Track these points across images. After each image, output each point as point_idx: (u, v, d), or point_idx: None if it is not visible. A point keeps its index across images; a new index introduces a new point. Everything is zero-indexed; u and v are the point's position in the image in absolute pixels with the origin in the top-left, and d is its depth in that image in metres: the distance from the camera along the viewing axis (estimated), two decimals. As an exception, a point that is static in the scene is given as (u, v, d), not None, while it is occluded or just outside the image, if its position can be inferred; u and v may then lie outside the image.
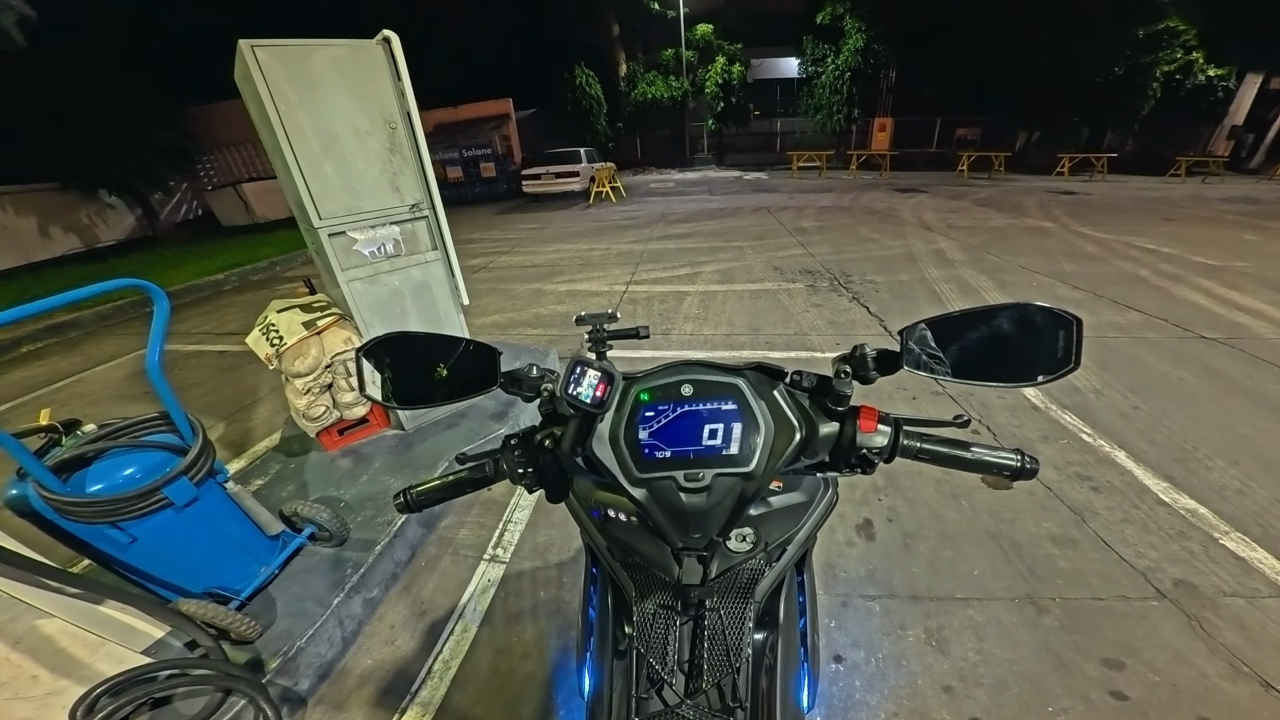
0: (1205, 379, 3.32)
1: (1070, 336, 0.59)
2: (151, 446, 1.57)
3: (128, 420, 1.60)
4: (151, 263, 9.29)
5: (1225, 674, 1.58)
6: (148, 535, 1.53)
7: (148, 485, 1.46)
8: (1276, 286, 4.97)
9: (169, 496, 1.51)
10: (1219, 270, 5.55)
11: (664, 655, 0.64)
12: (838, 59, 19.65)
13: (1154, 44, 15.49)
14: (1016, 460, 0.65)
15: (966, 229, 8.08)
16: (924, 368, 0.64)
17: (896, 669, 1.65)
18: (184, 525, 1.60)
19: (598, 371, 0.67)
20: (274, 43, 2.12)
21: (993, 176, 15.97)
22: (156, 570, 1.63)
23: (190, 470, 1.56)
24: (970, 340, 0.63)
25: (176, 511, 1.56)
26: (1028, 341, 0.61)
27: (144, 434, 1.60)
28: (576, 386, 0.66)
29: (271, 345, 2.50)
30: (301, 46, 2.18)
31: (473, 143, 16.21)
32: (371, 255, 2.60)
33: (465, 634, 1.90)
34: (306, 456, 2.81)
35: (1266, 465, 2.49)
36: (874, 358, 0.66)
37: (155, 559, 1.61)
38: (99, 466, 1.48)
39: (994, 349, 0.62)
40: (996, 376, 0.63)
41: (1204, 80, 16.54)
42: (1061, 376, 0.60)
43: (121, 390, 4.22)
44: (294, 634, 1.74)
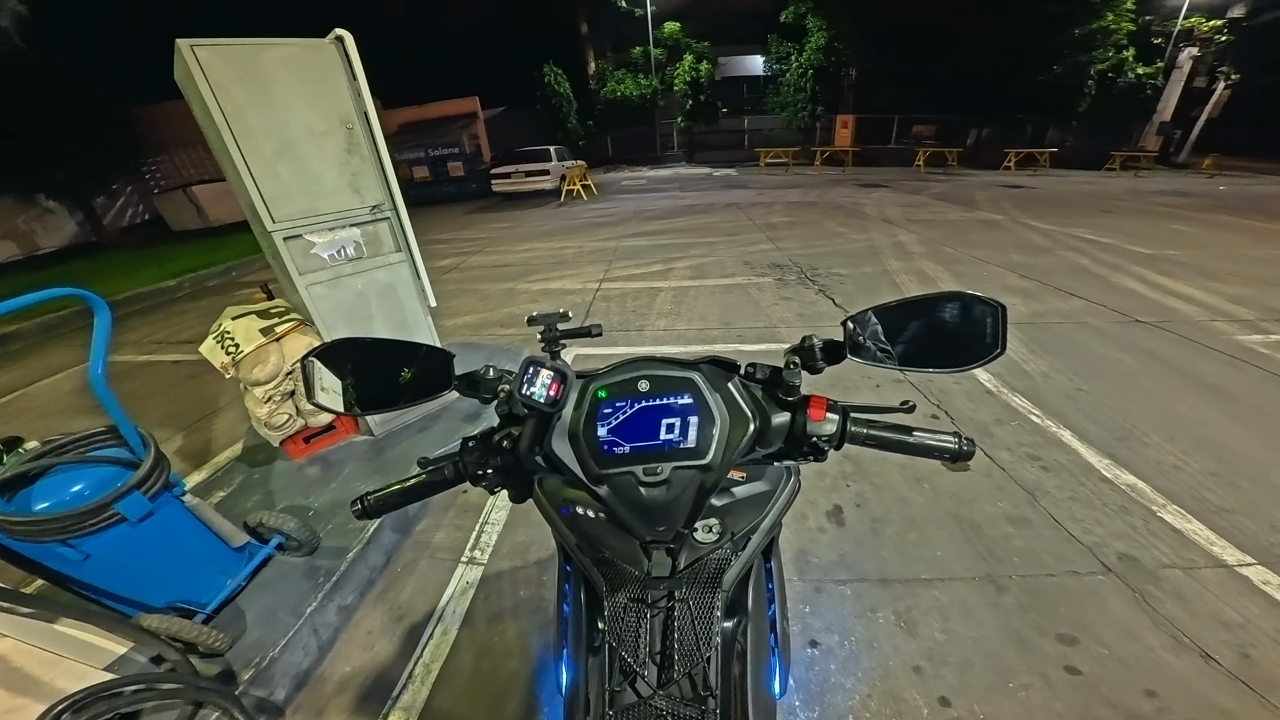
0: (1143, 361, 3.54)
1: (996, 322, 0.63)
2: (100, 461, 1.50)
3: (72, 435, 1.52)
4: (97, 270, 8.77)
5: (1168, 647, 1.67)
6: (102, 551, 1.47)
7: (98, 501, 1.40)
8: (1205, 273, 5.34)
9: (122, 511, 1.45)
10: (1153, 259, 5.93)
11: (635, 648, 0.65)
12: (801, 57, 20.07)
13: (1089, 43, 16.36)
14: (954, 443, 0.68)
15: (925, 222, 8.38)
16: (867, 356, 0.67)
17: (869, 652, 1.71)
18: (141, 540, 1.54)
19: (551, 371, 0.68)
20: (216, 42, 2.04)
21: (948, 171, 16.64)
22: (114, 586, 1.57)
23: (144, 484, 1.50)
24: (910, 329, 0.66)
25: (131, 526, 1.50)
26: (961, 328, 0.65)
27: (91, 449, 1.52)
28: (530, 387, 0.67)
29: (227, 354, 2.41)
30: (248, 46, 2.11)
31: (440, 142, 15.86)
32: (331, 258, 2.53)
33: (446, 636, 1.88)
34: (271, 466, 2.72)
35: (1200, 441, 2.67)
36: (821, 348, 0.69)
37: (112, 575, 1.55)
38: (44, 484, 1.41)
39: (931, 336, 0.66)
40: (933, 363, 0.66)
41: (1134, 78, 17.63)
42: (990, 361, 0.64)
43: (70, 404, 3.99)
44: (266, 644, 1.71)
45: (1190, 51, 17.34)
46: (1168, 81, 17.67)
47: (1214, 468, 2.48)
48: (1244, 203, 9.85)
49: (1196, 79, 17.70)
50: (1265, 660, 1.61)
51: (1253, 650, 1.64)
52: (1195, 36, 17.34)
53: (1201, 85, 17.77)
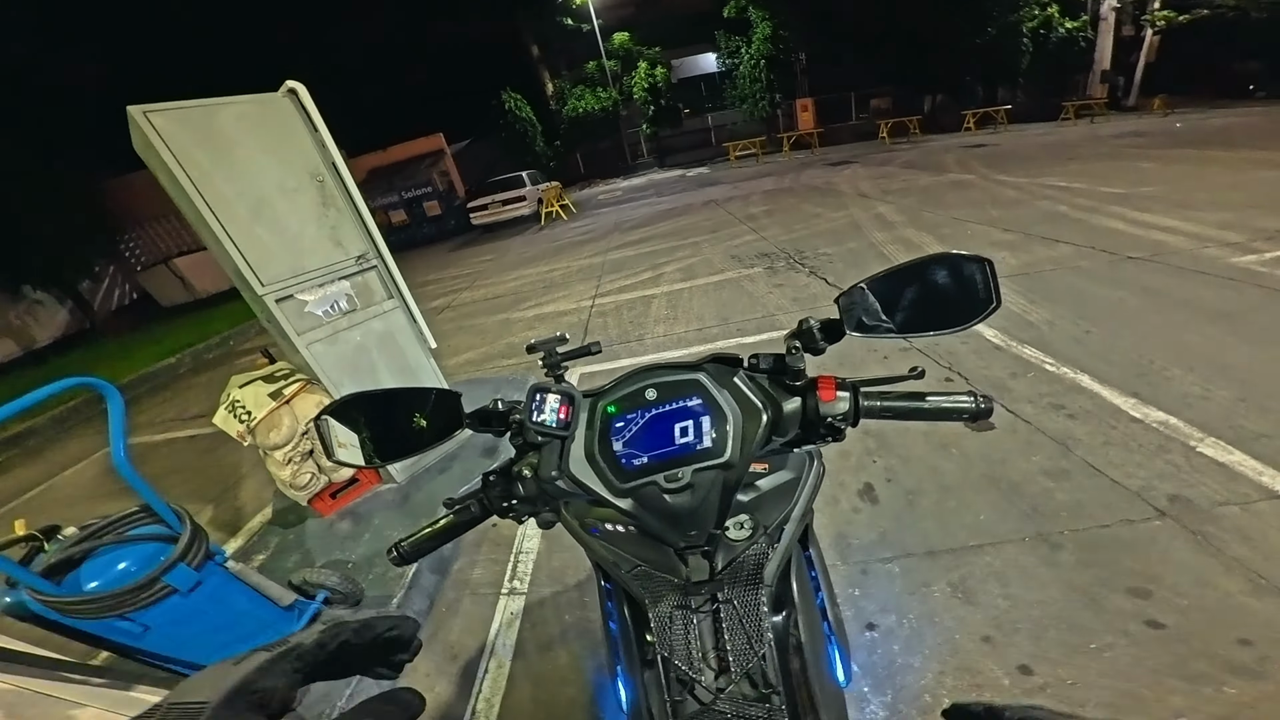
0: (1143, 296, 3.55)
1: (986, 277, 0.64)
2: (140, 539, 1.52)
3: (108, 518, 1.53)
4: (97, 356, 8.79)
5: (1247, 590, 1.57)
6: (160, 622, 1.51)
7: (147, 576, 1.42)
8: (1182, 205, 5.40)
9: (171, 583, 1.47)
10: (1127, 197, 5.99)
11: (688, 655, 0.64)
12: (750, 49, 20.41)
13: (1013, 3, 16.95)
14: (971, 402, 0.67)
15: (899, 191, 8.47)
16: (865, 329, 0.67)
17: (931, 627, 1.64)
18: (194, 608, 1.56)
19: (558, 395, 0.69)
20: (169, 106, 2.02)
21: (911, 140, 16.88)
22: (177, 652, 1.61)
23: (186, 555, 1.51)
24: (903, 296, 0.66)
25: (183, 597, 1.52)
26: (953, 288, 0.66)
27: (128, 528, 1.54)
28: (540, 414, 0.68)
29: (241, 422, 2.41)
30: (202, 107, 2.09)
31: (411, 183, 16.00)
32: (325, 314, 2.52)
33: (500, 670, 1.87)
34: (304, 525, 2.72)
35: (1220, 368, 2.62)
36: (819, 328, 0.69)
37: (174, 642, 1.59)
38: (90, 565, 1.44)
39: (925, 300, 0.66)
40: (932, 325, 0.67)
41: (1065, 33, 18.13)
42: (988, 315, 0.64)
43: (97, 489, 4.01)
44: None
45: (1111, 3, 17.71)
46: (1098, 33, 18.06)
47: (1240, 393, 2.42)
48: (1202, 136, 9.98)
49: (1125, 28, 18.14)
50: None
51: None
52: None
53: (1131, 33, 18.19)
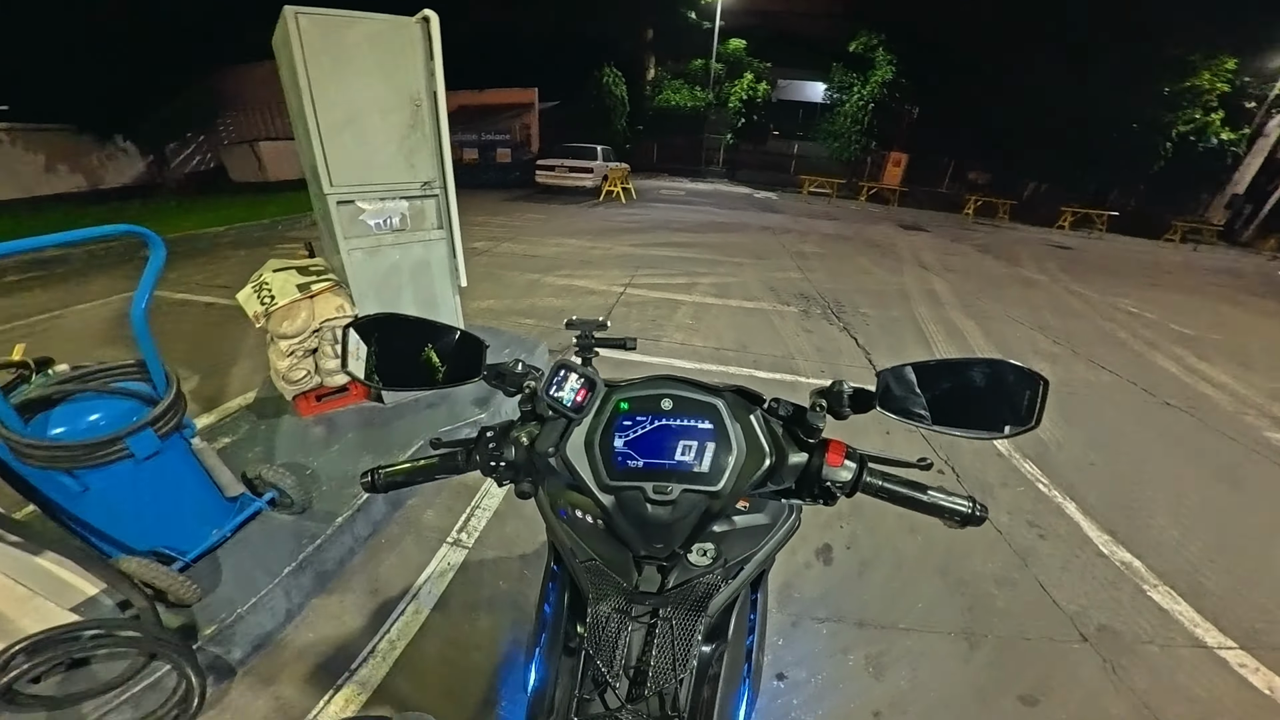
0: (1163, 443, 3.43)
1: (1036, 396, 0.62)
2: (121, 394, 1.53)
3: (102, 365, 1.57)
4: (154, 209, 9.20)
5: (1129, 716, 1.67)
6: (102, 486, 1.49)
7: (111, 434, 1.42)
8: (1244, 361, 5.12)
9: (130, 447, 1.47)
10: (1193, 340, 5.71)
11: (612, 658, 0.65)
12: (863, 89, 19.88)
13: (1175, 102, 15.49)
14: (968, 507, 0.66)
15: (961, 272, 8.22)
16: (896, 411, 0.66)
17: (833, 692, 1.70)
18: (141, 478, 1.55)
19: (581, 377, 0.69)
20: (317, 11, 2.14)
21: (996, 223, 16.21)
22: (103, 524, 1.58)
23: (158, 422, 1.52)
24: (942, 389, 0.65)
25: (136, 464, 1.51)
26: (996, 396, 0.64)
27: (116, 380, 1.55)
28: (559, 389, 0.68)
29: (262, 304, 2.50)
30: (343, 18, 2.20)
31: (493, 128, 16.22)
32: (376, 227, 2.61)
33: (417, 616, 1.89)
34: (279, 420, 2.80)
35: (1205, 527, 2.62)
36: (850, 395, 0.68)
37: (104, 512, 1.56)
38: (64, 409, 1.44)
39: (963, 400, 0.65)
40: (962, 425, 0.65)
41: (1216, 144, 16.38)
42: (1023, 433, 0.63)
43: (101, 331, 4.18)
44: (235, 601, 1.70)
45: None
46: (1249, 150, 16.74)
47: (1214, 554, 2.45)
48: None
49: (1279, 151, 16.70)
50: None
51: None
52: None
53: None
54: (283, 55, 2.30)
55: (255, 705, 1.58)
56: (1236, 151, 16.60)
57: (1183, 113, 15.85)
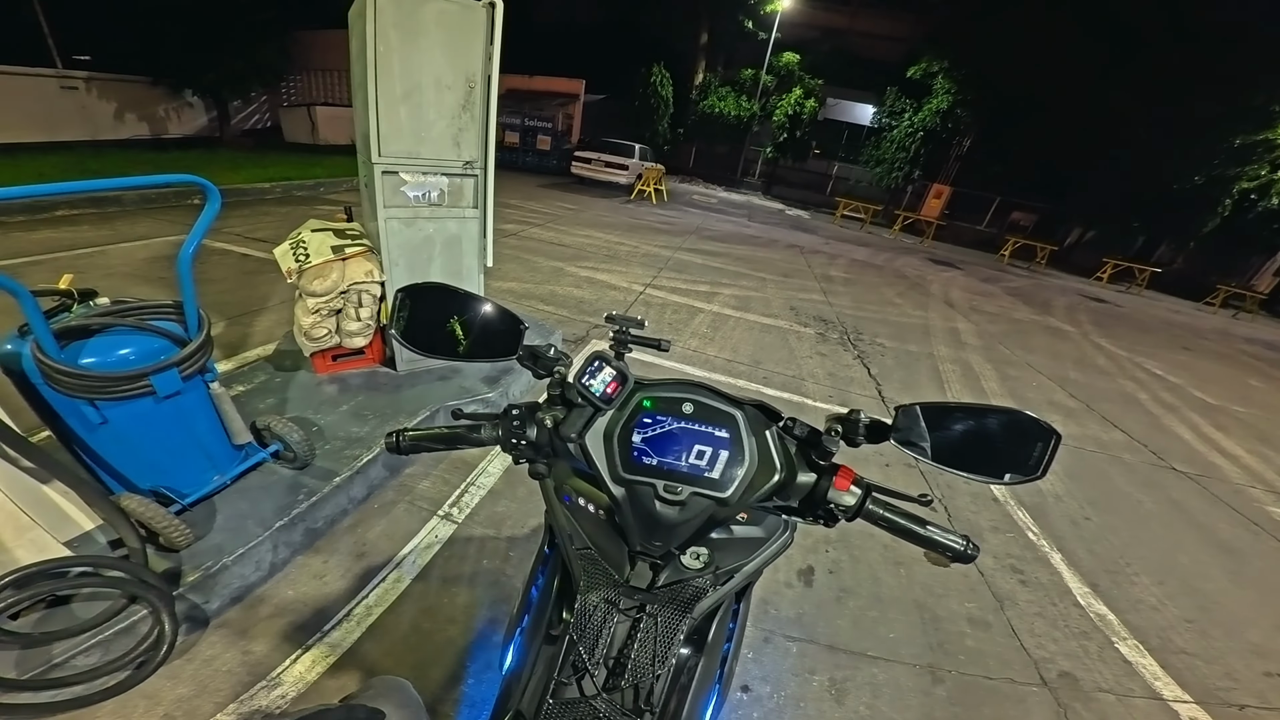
0: (1163, 507, 3.37)
1: (1047, 448, 0.64)
2: (155, 332, 1.58)
3: (141, 302, 1.63)
4: (209, 160, 9.48)
5: None
6: (119, 419, 1.52)
7: (138, 369, 1.45)
8: (1263, 437, 4.96)
9: (154, 384, 1.49)
10: (1215, 410, 5.53)
11: (594, 647, 0.66)
12: (915, 116, 19.49)
13: (1244, 155, 14.36)
14: (961, 544, 0.68)
15: (988, 315, 8.07)
16: (908, 446, 0.69)
17: (794, 709, 1.73)
18: (158, 416, 1.58)
19: (614, 370, 0.72)
20: None
21: (1032, 268, 15.78)
22: (113, 458, 1.59)
23: (184, 363, 1.56)
24: (955, 431, 0.68)
25: (156, 401, 1.54)
26: (1007, 443, 0.66)
27: (152, 318, 1.60)
28: (591, 378, 0.72)
29: (296, 261, 2.60)
30: None
31: (537, 114, 16.39)
32: (415, 199, 2.70)
33: (397, 584, 1.91)
34: (294, 374, 2.89)
35: (1189, 591, 2.63)
36: (866, 425, 0.71)
37: (117, 445, 1.58)
38: (98, 341, 1.48)
39: (975, 443, 0.68)
40: (968, 468, 0.68)
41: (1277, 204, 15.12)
42: (1026, 482, 0.66)
43: (139, 270, 4.34)
44: (223, 550, 1.70)
45: None
46: None
47: (1192, 616, 2.47)
48: None
49: None
50: None
51: None
52: None
53: None
54: (356, 27, 2.39)
55: (223, 657, 1.58)
56: None
57: (1251, 168, 14.66)
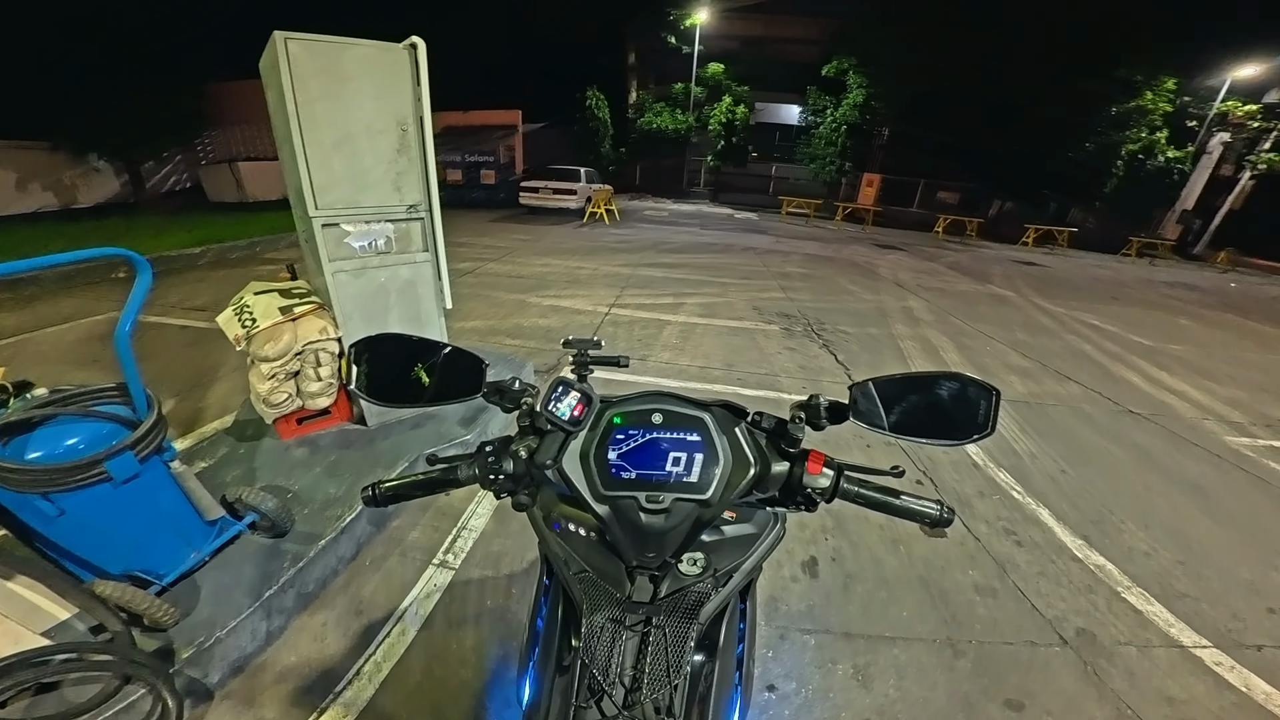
0: (1130, 452, 3.58)
1: (989, 405, 0.68)
2: (101, 417, 1.51)
3: (82, 387, 1.55)
4: (129, 228, 9.00)
5: (1111, 718, 1.72)
6: (78, 509, 1.46)
7: (89, 457, 1.40)
8: (1202, 371, 5.40)
9: (110, 470, 1.44)
10: (1154, 352, 5.99)
11: (607, 667, 0.66)
12: (836, 111, 20.62)
13: (1123, 122, 16.50)
14: (936, 510, 0.72)
15: (936, 290, 8.50)
16: (867, 421, 0.72)
17: (823, 701, 1.72)
18: (118, 501, 1.52)
19: (578, 392, 0.73)
20: (308, 37, 2.17)
21: (965, 241, 16.89)
22: (77, 547, 1.54)
23: (138, 445, 1.50)
24: (908, 401, 0.72)
25: (114, 487, 1.47)
26: (956, 406, 0.70)
27: (96, 403, 1.54)
28: (557, 404, 0.72)
29: (243, 326, 2.48)
30: (335, 44, 2.24)
31: (478, 149, 16.37)
32: (362, 249, 2.62)
33: (403, 637, 1.87)
34: (259, 442, 2.75)
35: (1174, 533, 2.73)
36: (826, 408, 0.74)
37: (80, 535, 1.53)
38: (43, 433, 1.42)
39: (927, 410, 0.71)
40: (927, 434, 0.71)
41: (1163, 161, 17.37)
42: (979, 439, 0.69)
43: (73, 354, 4.06)
44: (215, 623, 1.67)
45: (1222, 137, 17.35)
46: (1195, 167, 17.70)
47: (1183, 558, 2.55)
48: (1252, 303, 9.99)
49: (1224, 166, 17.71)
50: None
51: None
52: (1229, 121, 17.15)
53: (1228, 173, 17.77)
54: (270, 79, 2.31)
55: (237, 727, 1.54)
56: (1183, 169, 17.60)
57: (1131, 132, 16.82)
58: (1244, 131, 17.14)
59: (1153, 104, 16.27)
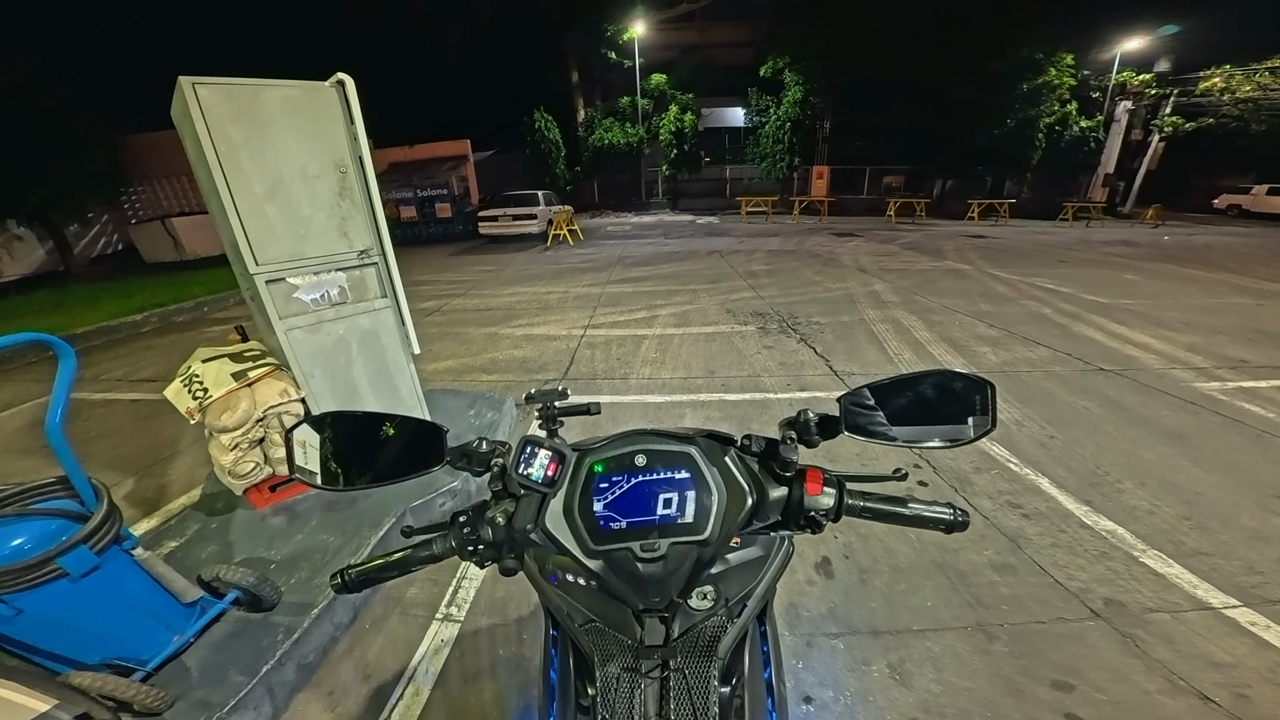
0: (1107, 409, 3.69)
1: (986, 399, 0.65)
2: (46, 514, 1.41)
3: (19, 485, 1.43)
4: (61, 299, 8.50)
5: (1164, 690, 1.68)
6: (37, 607, 1.38)
7: (39, 556, 1.31)
8: (1158, 322, 5.67)
9: (64, 567, 1.35)
10: (1108, 308, 6.28)
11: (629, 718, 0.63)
12: (779, 110, 21.33)
13: (1035, 98, 17.80)
14: (949, 514, 0.69)
15: (897, 272, 8.76)
16: (861, 432, 0.69)
17: (864, 706, 1.67)
18: (81, 595, 1.44)
19: (549, 451, 0.68)
20: (218, 81, 2.05)
21: (916, 221, 17.62)
22: (45, 643, 1.46)
23: (91, 538, 1.40)
24: (901, 405, 0.69)
25: (73, 582, 1.39)
26: (951, 405, 0.67)
27: (38, 500, 1.43)
28: (528, 466, 0.67)
29: (194, 399, 2.30)
30: (250, 86, 2.12)
31: (429, 183, 16.14)
32: (314, 302, 2.49)
33: (417, 697, 1.77)
34: (232, 515, 2.56)
35: (1168, 486, 2.77)
36: (816, 422, 0.70)
37: (45, 631, 1.44)
38: None
39: (922, 412, 0.68)
40: (927, 439, 0.68)
41: (1078, 131, 19.05)
42: (982, 436, 0.66)
43: (15, 444, 3.76)
44: (212, 704, 1.59)
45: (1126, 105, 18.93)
46: (1108, 134, 19.17)
47: (1185, 512, 2.57)
48: (1186, 253, 10.65)
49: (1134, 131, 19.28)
50: (1262, 700, 1.63)
51: (1249, 690, 1.66)
52: (1129, 90, 18.91)
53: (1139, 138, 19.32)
54: (185, 127, 2.16)
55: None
56: (1097, 137, 19.23)
57: (1044, 106, 18.18)
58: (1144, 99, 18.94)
59: (1058, 79, 17.75)
